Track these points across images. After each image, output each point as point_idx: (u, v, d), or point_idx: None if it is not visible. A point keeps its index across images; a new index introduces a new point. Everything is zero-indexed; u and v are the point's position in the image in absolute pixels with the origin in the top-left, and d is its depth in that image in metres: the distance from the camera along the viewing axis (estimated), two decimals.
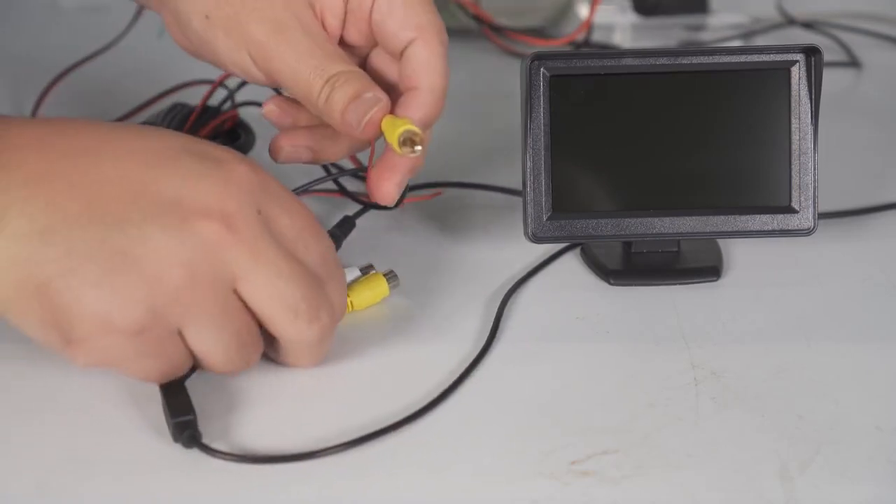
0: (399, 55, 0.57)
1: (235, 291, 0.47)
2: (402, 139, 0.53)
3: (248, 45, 0.56)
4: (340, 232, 0.64)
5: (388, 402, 0.51)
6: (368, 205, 0.66)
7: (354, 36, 0.59)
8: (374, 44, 0.60)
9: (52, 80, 0.87)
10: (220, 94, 0.76)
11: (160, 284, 0.46)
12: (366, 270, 0.60)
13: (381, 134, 0.55)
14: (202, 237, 0.46)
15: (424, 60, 0.56)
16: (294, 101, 0.60)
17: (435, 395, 0.51)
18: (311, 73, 0.55)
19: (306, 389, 0.52)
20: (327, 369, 0.54)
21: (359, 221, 0.64)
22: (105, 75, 0.91)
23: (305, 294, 0.48)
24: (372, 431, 0.49)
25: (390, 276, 0.60)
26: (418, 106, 0.55)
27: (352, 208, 0.66)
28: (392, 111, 0.56)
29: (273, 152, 0.60)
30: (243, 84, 0.76)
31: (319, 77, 0.55)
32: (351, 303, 0.57)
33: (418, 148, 0.53)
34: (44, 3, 1.12)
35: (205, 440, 0.48)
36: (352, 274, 0.59)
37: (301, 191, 0.65)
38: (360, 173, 0.71)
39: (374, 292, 0.58)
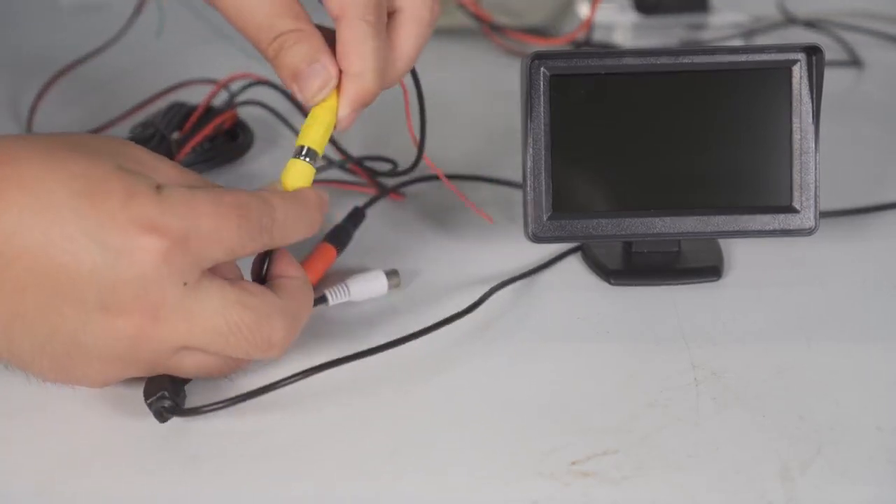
0: None
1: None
2: (299, 150, 0.53)
3: None
4: (352, 223, 0.64)
5: (383, 395, 0.51)
6: (378, 195, 0.68)
7: None
8: None
9: (50, 79, 0.86)
10: (220, 94, 0.76)
11: (109, 372, 0.49)
12: (391, 275, 0.60)
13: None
14: (129, 335, 0.47)
15: (345, 42, 0.53)
16: None
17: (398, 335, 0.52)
18: (263, 20, 0.53)
19: (300, 382, 0.52)
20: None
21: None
22: (104, 74, 0.91)
23: (249, 337, 0.48)
24: (328, 361, 0.50)
25: (391, 275, 0.60)
26: (345, 91, 0.53)
27: (358, 198, 0.66)
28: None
29: None
30: (247, 87, 0.77)
31: (272, 30, 0.53)
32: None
33: (307, 160, 0.53)
34: (43, 1, 1.12)
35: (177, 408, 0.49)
36: (377, 277, 0.59)
37: None
38: (346, 165, 0.71)
39: (301, 175, 0.53)
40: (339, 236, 0.63)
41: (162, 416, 0.48)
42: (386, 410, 0.50)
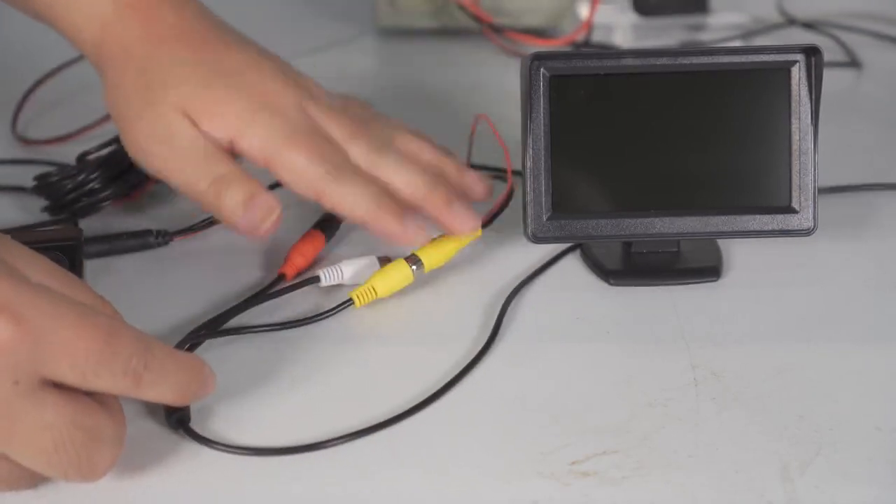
0: None
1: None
2: (412, 257, 0.59)
3: (138, 152, 0.59)
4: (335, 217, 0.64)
5: (388, 401, 0.51)
6: None
7: None
8: None
9: (40, 78, 0.86)
10: None
11: None
12: (383, 262, 0.60)
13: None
14: None
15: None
16: None
17: (427, 394, 0.51)
18: (196, 169, 0.58)
19: (308, 384, 0.52)
20: (330, 366, 0.54)
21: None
22: (97, 75, 0.90)
23: (74, 460, 0.43)
24: (364, 427, 0.49)
25: (384, 262, 0.60)
26: None
27: None
28: None
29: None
30: None
31: (204, 178, 0.57)
32: (374, 288, 0.58)
33: (413, 268, 0.59)
34: None
35: (197, 427, 0.48)
36: (371, 265, 0.60)
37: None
38: None
39: (398, 278, 0.59)
40: (328, 225, 0.64)
41: (176, 426, 0.48)
42: (386, 410, 0.50)
